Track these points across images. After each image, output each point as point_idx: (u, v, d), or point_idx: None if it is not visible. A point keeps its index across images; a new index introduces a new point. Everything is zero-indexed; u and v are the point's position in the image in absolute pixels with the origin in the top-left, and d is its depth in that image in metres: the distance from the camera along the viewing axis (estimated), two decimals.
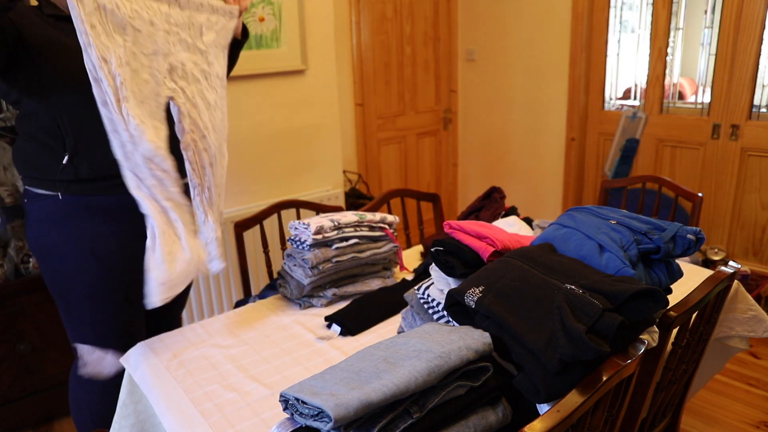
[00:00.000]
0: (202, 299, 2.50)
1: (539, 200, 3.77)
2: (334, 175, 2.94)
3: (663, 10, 3.02)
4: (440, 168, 4.14)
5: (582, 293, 0.94)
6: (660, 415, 1.41)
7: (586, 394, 0.85)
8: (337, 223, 1.56)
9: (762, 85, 2.79)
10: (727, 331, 1.57)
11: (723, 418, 2.14)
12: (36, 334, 2.08)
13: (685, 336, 1.22)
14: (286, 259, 1.61)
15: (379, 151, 3.69)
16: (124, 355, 1.35)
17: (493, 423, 0.92)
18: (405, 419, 0.83)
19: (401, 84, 3.71)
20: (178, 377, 1.22)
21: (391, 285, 1.63)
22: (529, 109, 3.67)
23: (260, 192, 2.65)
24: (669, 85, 3.14)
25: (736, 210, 2.97)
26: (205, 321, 1.49)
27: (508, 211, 1.91)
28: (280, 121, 2.65)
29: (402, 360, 0.89)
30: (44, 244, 1.46)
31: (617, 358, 0.92)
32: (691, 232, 1.12)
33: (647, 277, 1.11)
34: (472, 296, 1.02)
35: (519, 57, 3.62)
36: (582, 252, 1.12)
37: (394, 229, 1.69)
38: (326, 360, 1.29)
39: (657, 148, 3.21)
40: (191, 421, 1.08)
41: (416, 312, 1.25)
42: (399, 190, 2.24)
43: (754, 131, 2.83)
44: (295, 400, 0.85)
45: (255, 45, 2.48)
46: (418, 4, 3.65)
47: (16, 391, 2.08)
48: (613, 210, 1.24)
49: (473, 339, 0.94)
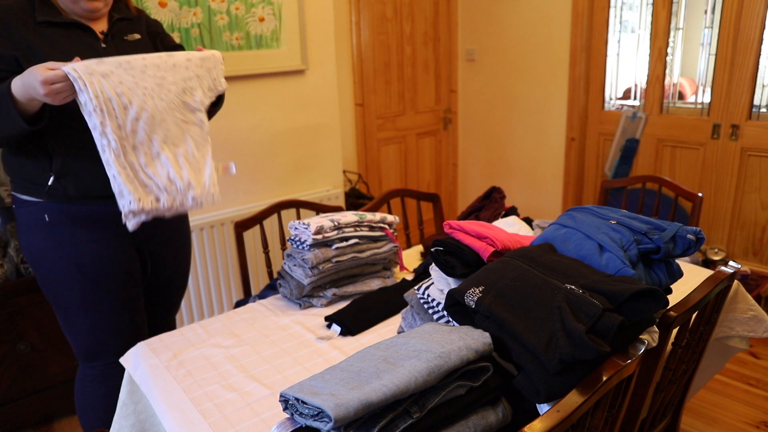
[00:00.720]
0: (202, 299, 2.50)
1: (539, 200, 3.77)
2: (334, 175, 2.94)
3: (663, 10, 3.02)
4: (440, 168, 4.14)
5: (582, 293, 0.94)
6: (660, 415, 1.41)
7: (586, 394, 0.85)
8: (337, 223, 1.56)
9: (762, 85, 2.79)
10: (727, 331, 1.57)
11: (723, 418, 2.14)
12: (36, 334, 2.08)
13: (685, 336, 1.22)
14: (286, 259, 1.61)
15: (379, 151, 3.69)
16: (124, 355, 1.35)
17: (493, 423, 0.92)
18: (405, 419, 0.83)
19: (401, 84, 3.71)
20: (178, 377, 1.22)
21: (391, 285, 1.63)
22: (529, 109, 3.67)
23: (260, 192, 2.65)
24: (669, 85, 3.14)
25: (736, 210, 2.97)
26: (205, 321, 1.49)
27: (508, 211, 1.91)
28: (280, 121, 2.65)
29: (402, 360, 0.89)
30: (33, 251, 1.44)
31: (617, 358, 0.92)
32: (691, 232, 1.12)
33: (647, 277, 1.11)
34: (472, 296, 1.02)
35: (519, 57, 3.62)
36: (582, 252, 1.12)
37: (394, 229, 1.69)
38: (326, 360, 1.29)
39: (657, 148, 3.21)
40: (191, 421, 1.08)
41: (416, 312, 1.25)
42: (399, 190, 2.24)
43: (754, 131, 2.83)
44: (295, 400, 0.85)
45: (255, 45, 2.48)
46: (418, 4, 3.65)
47: (16, 391, 2.08)
48: (613, 210, 1.24)
49: (473, 339, 0.94)
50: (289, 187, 2.76)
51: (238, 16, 2.40)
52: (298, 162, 2.77)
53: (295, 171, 2.77)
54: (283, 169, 2.72)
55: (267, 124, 2.61)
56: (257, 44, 2.49)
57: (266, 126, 2.61)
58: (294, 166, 2.76)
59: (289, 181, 2.75)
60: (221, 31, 2.37)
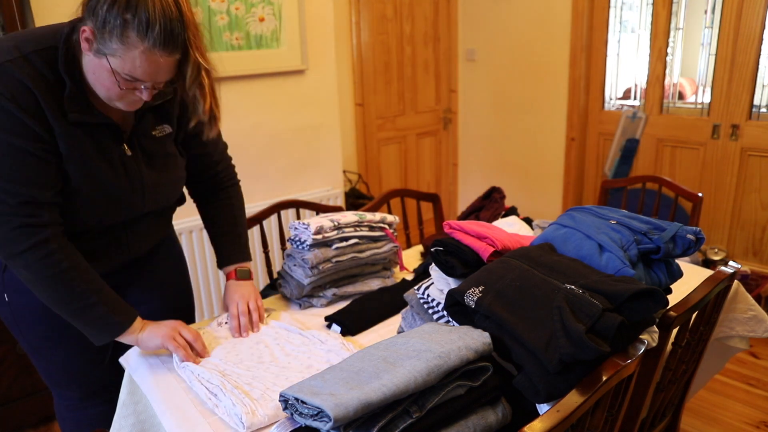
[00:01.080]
0: (202, 299, 2.51)
1: (539, 200, 3.77)
2: (334, 175, 2.94)
3: (663, 10, 3.02)
4: (440, 168, 4.14)
5: (582, 293, 0.94)
6: (660, 415, 1.41)
7: (586, 394, 0.85)
8: (337, 223, 1.56)
9: (762, 85, 2.79)
10: (727, 331, 1.57)
11: (723, 418, 2.14)
12: None
13: (685, 336, 1.22)
14: (286, 259, 1.61)
15: (379, 151, 3.69)
16: (124, 355, 1.34)
17: (492, 423, 0.92)
18: (405, 419, 0.83)
19: (401, 84, 3.71)
20: (178, 377, 1.22)
21: (391, 285, 1.63)
22: (529, 109, 3.67)
23: (260, 192, 2.65)
24: (669, 85, 3.14)
25: (736, 210, 2.97)
26: (205, 321, 1.49)
27: (508, 211, 1.91)
28: (280, 121, 2.65)
29: (402, 360, 0.89)
30: None
31: (617, 358, 0.92)
32: (691, 232, 1.12)
33: (647, 277, 1.11)
34: (472, 296, 1.02)
35: (519, 57, 3.62)
36: (582, 252, 1.12)
37: (394, 229, 1.69)
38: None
39: (657, 148, 3.21)
40: (191, 421, 1.08)
41: (416, 312, 1.25)
42: (399, 190, 2.24)
43: (754, 131, 2.83)
44: (295, 399, 0.85)
45: (255, 45, 2.48)
46: (418, 4, 3.65)
47: (16, 391, 2.08)
48: (613, 210, 1.24)
49: (473, 339, 0.94)
50: (289, 187, 2.76)
51: (238, 16, 2.40)
52: (298, 162, 2.77)
53: (295, 171, 2.77)
54: (283, 169, 2.72)
55: (267, 124, 2.61)
56: (257, 44, 2.49)
57: (266, 126, 2.61)
58: (294, 166, 2.76)
59: (289, 181, 2.76)
60: (221, 31, 2.37)
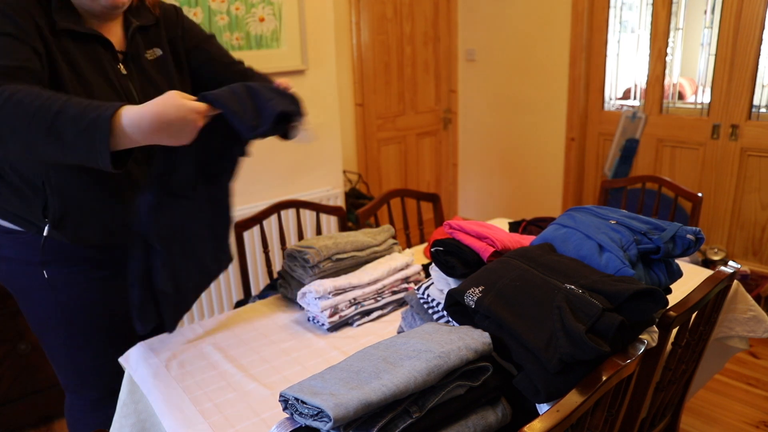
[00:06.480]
0: (202, 299, 2.50)
1: (539, 200, 3.77)
2: (334, 175, 2.94)
3: (663, 10, 3.02)
4: (440, 168, 4.14)
5: (582, 293, 0.94)
6: (660, 415, 1.41)
7: (586, 394, 0.85)
8: (354, 299, 1.46)
9: (762, 85, 2.79)
10: (726, 331, 1.57)
11: (723, 418, 2.14)
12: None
13: (685, 336, 1.22)
14: (287, 259, 1.61)
15: (379, 151, 3.70)
16: (124, 354, 1.35)
17: (492, 423, 0.92)
18: (404, 419, 0.83)
19: (401, 84, 3.71)
20: (178, 377, 1.22)
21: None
22: (529, 109, 3.67)
23: (260, 192, 2.64)
24: (669, 85, 3.14)
25: (735, 210, 2.97)
26: (205, 321, 1.49)
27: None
28: None
29: (401, 360, 0.89)
30: (15, 285, 1.33)
31: (617, 358, 0.92)
32: (691, 232, 1.12)
33: (647, 277, 1.11)
34: (472, 296, 1.02)
35: (519, 57, 3.62)
36: (582, 252, 1.12)
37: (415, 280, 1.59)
38: (326, 360, 1.29)
39: (657, 148, 3.21)
40: (191, 421, 1.08)
41: (416, 312, 1.26)
42: (399, 190, 2.24)
43: (753, 131, 2.83)
44: (295, 399, 0.85)
45: (255, 45, 2.48)
46: (418, 4, 3.65)
47: (16, 391, 2.08)
48: (613, 210, 1.24)
49: (473, 339, 0.94)
50: (289, 187, 2.76)
51: (238, 16, 2.40)
52: (298, 162, 2.77)
53: (295, 171, 2.77)
54: (283, 169, 2.72)
55: None
56: (257, 44, 2.49)
57: None
58: (294, 166, 2.76)
59: (289, 181, 2.75)
60: (221, 31, 2.37)
